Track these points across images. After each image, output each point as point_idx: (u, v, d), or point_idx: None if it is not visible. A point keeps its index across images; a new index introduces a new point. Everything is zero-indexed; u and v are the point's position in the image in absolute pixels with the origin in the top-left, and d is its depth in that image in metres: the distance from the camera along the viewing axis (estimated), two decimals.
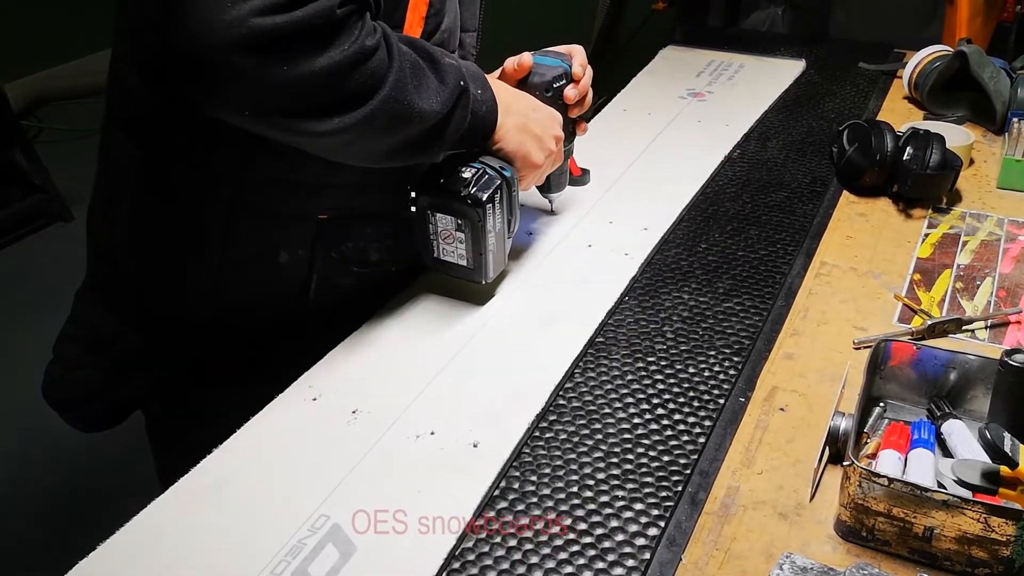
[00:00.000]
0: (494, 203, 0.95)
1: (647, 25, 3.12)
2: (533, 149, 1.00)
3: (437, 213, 0.96)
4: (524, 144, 0.99)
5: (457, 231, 0.96)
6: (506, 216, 0.98)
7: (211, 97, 0.77)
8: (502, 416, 0.91)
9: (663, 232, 1.24)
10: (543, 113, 1.04)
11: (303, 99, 0.77)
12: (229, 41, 0.71)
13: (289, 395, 0.94)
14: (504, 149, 0.99)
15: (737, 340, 1.03)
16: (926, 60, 1.63)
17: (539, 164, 1.02)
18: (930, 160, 1.28)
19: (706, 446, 0.88)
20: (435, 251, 1.00)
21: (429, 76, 0.87)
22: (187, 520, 0.79)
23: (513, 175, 0.98)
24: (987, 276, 1.15)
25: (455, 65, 0.90)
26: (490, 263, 0.99)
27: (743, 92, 1.71)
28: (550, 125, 1.04)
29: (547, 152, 1.02)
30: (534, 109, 1.02)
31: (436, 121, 0.88)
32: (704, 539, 0.78)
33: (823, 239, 1.24)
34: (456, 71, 0.90)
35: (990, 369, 0.88)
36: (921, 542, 0.75)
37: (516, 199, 1.00)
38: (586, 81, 1.12)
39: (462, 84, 0.90)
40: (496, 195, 0.95)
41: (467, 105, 0.91)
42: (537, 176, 1.06)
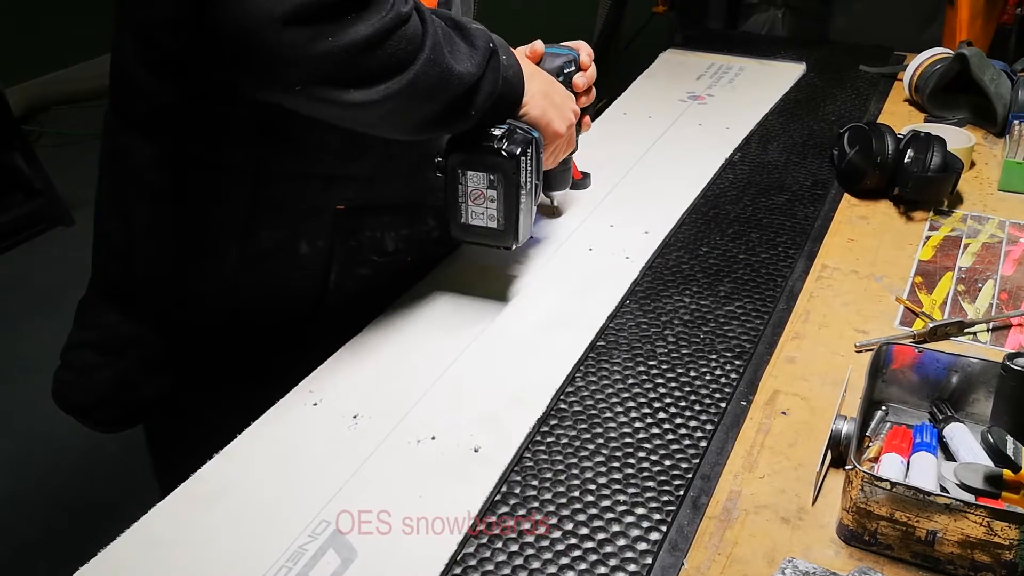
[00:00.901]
0: (527, 156, 0.94)
1: (647, 28, 3.12)
2: (556, 118, 1.01)
3: (468, 171, 0.95)
4: (548, 111, 1.00)
5: (489, 189, 0.95)
6: (535, 180, 0.98)
7: (263, 76, 0.78)
8: (503, 420, 0.91)
9: (664, 235, 1.24)
10: (561, 87, 1.06)
11: (350, 68, 0.79)
12: (277, 17, 0.73)
13: (290, 400, 0.94)
14: (530, 114, 0.99)
15: (738, 343, 1.03)
16: (927, 63, 1.63)
17: (561, 133, 1.02)
18: (931, 163, 1.27)
19: (708, 450, 0.88)
20: (463, 215, 0.98)
21: (459, 41, 0.89)
22: (187, 526, 0.79)
23: (540, 138, 0.98)
24: (989, 279, 1.15)
25: (481, 29, 0.93)
26: (521, 224, 0.98)
27: (743, 95, 1.71)
28: (568, 99, 1.06)
29: (568, 122, 1.03)
30: (552, 82, 1.05)
31: (472, 83, 0.89)
32: (706, 544, 0.78)
33: (824, 242, 1.24)
34: (484, 35, 0.92)
35: (992, 372, 0.88)
36: (924, 546, 0.75)
37: (541, 167, 1.00)
38: (592, 72, 1.14)
39: (491, 46, 0.91)
40: (528, 149, 0.95)
41: (497, 68, 0.92)
42: (556, 151, 1.06)
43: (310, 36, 0.75)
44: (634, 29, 3.21)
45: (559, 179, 1.23)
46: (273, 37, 0.74)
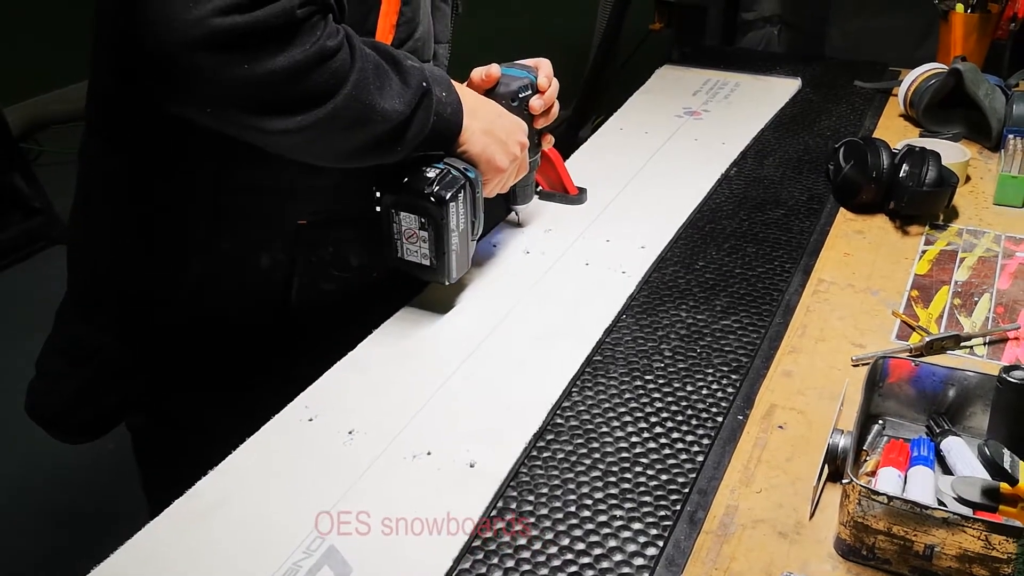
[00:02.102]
0: (457, 202, 0.96)
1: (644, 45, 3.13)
2: (498, 153, 1.01)
3: (401, 212, 0.97)
4: (489, 148, 1.00)
5: (420, 230, 0.97)
6: (469, 218, 0.99)
7: (173, 94, 0.79)
8: (499, 435, 0.90)
9: (660, 250, 1.24)
10: (508, 120, 1.04)
11: (264, 97, 0.79)
12: (191, 40, 0.73)
13: (285, 415, 0.93)
14: (469, 152, 0.99)
15: (735, 358, 1.03)
16: (921, 78, 1.64)
17: (503, 168, 1.02)
18: (926, 177, 1.28)
19: (704, 464, 0.88)
20: (398, 251, 1.00)
21: (392, 77, 0.88)
22: (182, 541, 0.78)
23: (477, 177, 0.99)
24: (985, 292, 1.15)
25: (418, 67, 0.92)
26: (453, 263, 0.99)
27: (739, 110, 1.72)
28: (515, 132, 1.05)
29: (511, 157, 1.03)
30: (499, 115, 1.04)
31: (399, 121, 0.89)
32: (703, 559, 0.78)
33: (820, 256, 1.24)
34: (419, 73, 0.91)
35: (989, 386, 0.88)
36: (922, 560, 0.74)
37: (480, 203, 1.01)
38: (551, 93, 1.13)
39: (424, 85, 0.91)
40: (459, 194, 0.96)
41: (430, 106, 0.91)
42: (501, 182, 1.06)
43: (224, 62, 0.75)
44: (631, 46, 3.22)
45: (521, 195, 1.23)
46: (186, 58, 0.74)
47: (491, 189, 1.05)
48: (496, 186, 1.06)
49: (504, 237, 1.28)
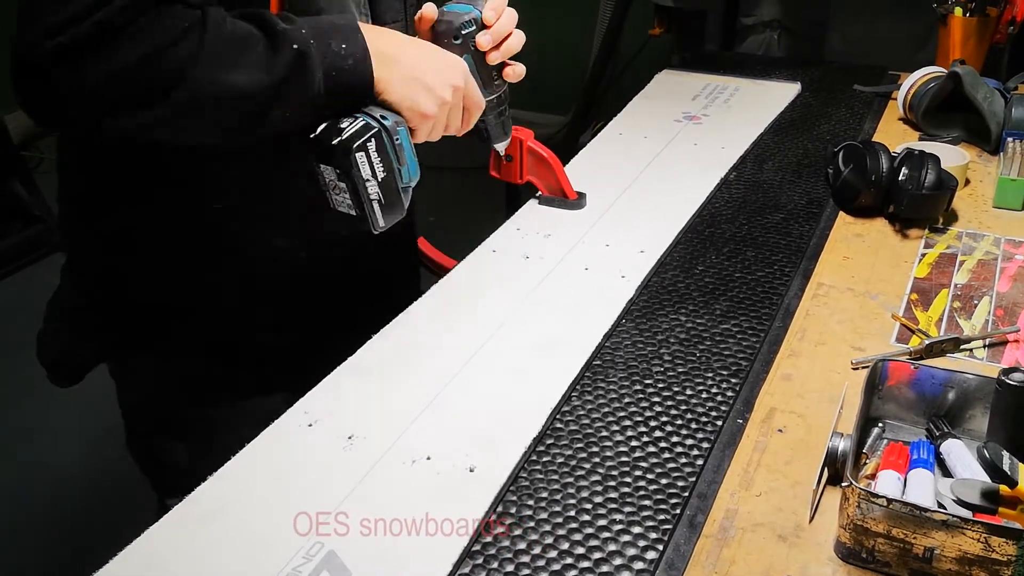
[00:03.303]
0: (367, 151, 0.92)
1: (643, 50, 3.14)
2: (423, 99, 0.96)
3: (320, 164, 0.94)
4: (412, 95, 0.95)
5: (339, 180, 0.94)
6: (393, 164, 0.95)
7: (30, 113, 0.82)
8: (499, 440, 0.91)
9: (660, 254, 1.24)
10: (439, 62, 0.98)
11: (109, 100, 0.81)
12: (29, 64, 0.78)
13: (285, 421, 0.93)
14: (388, 100, 0.95)
15: (735, 362, 1.03)
16: (920, 81, 1.64)
17: (429, 114, 0.97)
18: (925, 180, 1.28)
19: (704, 468, 0.88)
20: (331, 203, 0.97)
21: (255, 48, 0.85)
22: (182, 547, 0.78)
23: (396, 124, 0.95)
24: (984, 295, 1.15)
25: (297, 29, 0.87)
26: (377, 212, 0.96)
27: (739, 115, 1.72)
28: (447, 75, 0.98)
29: (439, 101, 0.97)
30: (426, 59, 0.97)
31: (263, 92, 0.86)
32: (703, 562, 0.78)
33: (820, 260, 1.24)
34: (296, 35, 0.87)
35: (988, 388, 0.88)
36: (921, 563, 0.74)
37: (404, 149, 0.96)
38: (501, 25, 1.05)
39: (297, 48, 0.87)
40: (369, 143, 0.92)
41: (311, 68, 0.88)
42: (432, 127, 0.99)
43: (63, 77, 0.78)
44: (631, 52, 3.23)
45: (495, 132, 1.17)
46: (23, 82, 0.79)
47: (422, 135, 0.99)
48: (429, 131, 1.00)
49: (503, 242, 1.28)
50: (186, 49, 0.81)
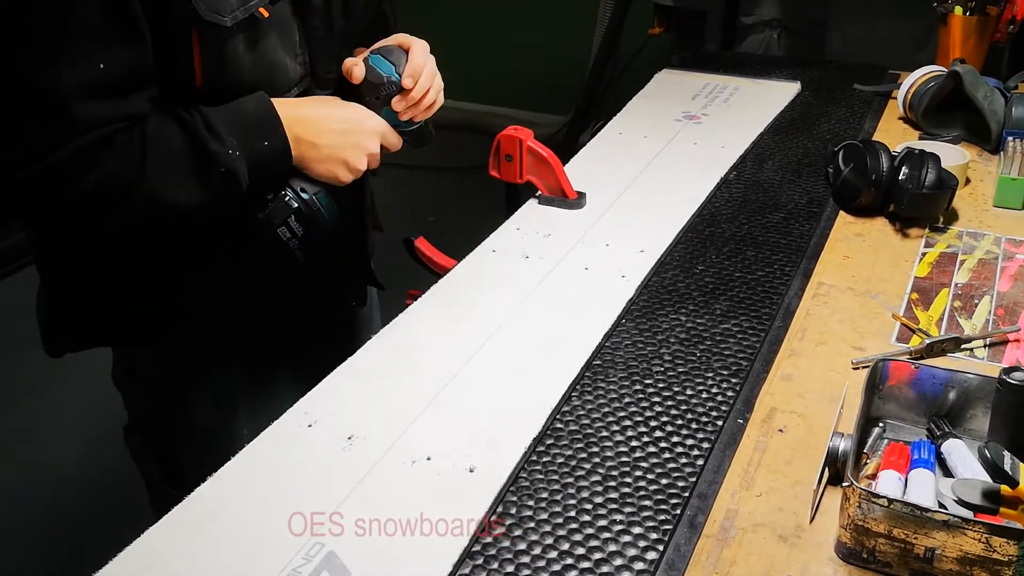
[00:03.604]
0: (288, 224, 1.06)
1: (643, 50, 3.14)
2: (340, 172, 1.07)
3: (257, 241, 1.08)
4: (331, 170, 1.07)
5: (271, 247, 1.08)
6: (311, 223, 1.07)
7: None
8: (499, 441, 0.90)
9: (660, 254, 1.24)
10: (356, 135, 1.08)
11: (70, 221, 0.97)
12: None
13: (285, 421, 0.93)
14: (313, 173, 1.07)
15: (735, 361, 1.03)
16: (920, 80, 1.64)
17: (345, 181, 1.09)
18: (926, 180, 1.28)
19: (705, 468, 0.88)
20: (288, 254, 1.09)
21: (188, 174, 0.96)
22: (181, 549, 0.78)
23: (315, 193, 1.07)
24: (985, 294, 1.15)
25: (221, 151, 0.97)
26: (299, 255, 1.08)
27: (739, 114, 1.72)
28: (363, 144, 1.09)
29: (356, 170, 1.08)
30: (343, 133, 1.07)
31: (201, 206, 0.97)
32: (703, 563, 0.78)
33: (820, 259, 1.24)
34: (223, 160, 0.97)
35: (989, 388, 0.87)
36: (922, 563, 0.74)
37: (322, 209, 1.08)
38: (417, 91, 1.12)
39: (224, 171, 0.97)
40: (289, 218, 1.06)
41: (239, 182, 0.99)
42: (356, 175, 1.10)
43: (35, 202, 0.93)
44: (631, 51, 3.22)
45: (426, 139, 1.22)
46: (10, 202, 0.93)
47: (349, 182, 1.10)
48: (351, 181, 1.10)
49: (503, 242, 1.28)
50: (128, 179, 0.92)
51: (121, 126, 0.92)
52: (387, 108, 1.12)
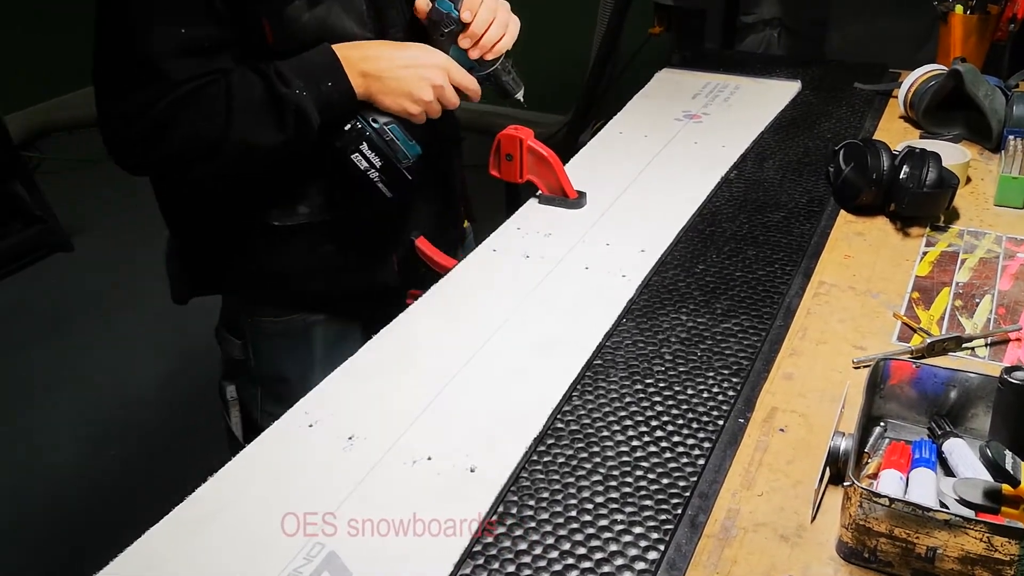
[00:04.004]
0: (361, 151, 1.16)
1: (643, 49, 3.14)
2: (406, 103, 1.16)
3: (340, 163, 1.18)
4: (397, 102, 1.16)
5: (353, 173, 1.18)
6: (387, 154, 1.17)
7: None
8: (500, 440, 0.90)
9: (660, 254, 1.24)
10: (418, 69, 1.16)
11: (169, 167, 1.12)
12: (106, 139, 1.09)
13: (286, 421, 0.93)
14: (382, 107, 1.16)
15: (736, 361, 1.03)
16: (921, 79, 1.63)
17: (415, 112, 1.16)
18: (927, 178, 1.28)
19: (706, 468, 0.87)
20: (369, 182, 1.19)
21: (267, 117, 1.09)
22: (182, 548, 0.78)
23: (386, 123, 1.17)
24: (986, 294, 1.15)
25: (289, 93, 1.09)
26: (383, 188, 1.19)
27: (739, 113, 1.71)
28: (426, 70, 1.16)
29: (422, 103, 1.16)
30: (406, 67, 1.15)
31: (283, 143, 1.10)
32: (704, 562, 0.78)
33: (821, 258, 1.24)
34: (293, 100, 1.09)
35: (990, 387, 0.87)
36: (924, 563, 0.74)
37: (396, 140, 1.17)
38: (477, 25, 1.19)
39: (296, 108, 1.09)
40: (361, 145, 1.16)
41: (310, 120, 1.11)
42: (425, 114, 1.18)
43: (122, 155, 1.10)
44: (631, 50, 3.22)
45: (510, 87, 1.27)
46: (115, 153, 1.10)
47: (420, 121, 1.18)
48: (423, 118, 1.18)
49: (503, 242, 1.28)
50: (217, 125, 1.07)
51: (209, 79, 1.06)
52: (455, 47, 1.20)
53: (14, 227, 3.32)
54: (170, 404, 2.56)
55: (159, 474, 2.16)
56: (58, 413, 2.53)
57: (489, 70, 1.24)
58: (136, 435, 2.41)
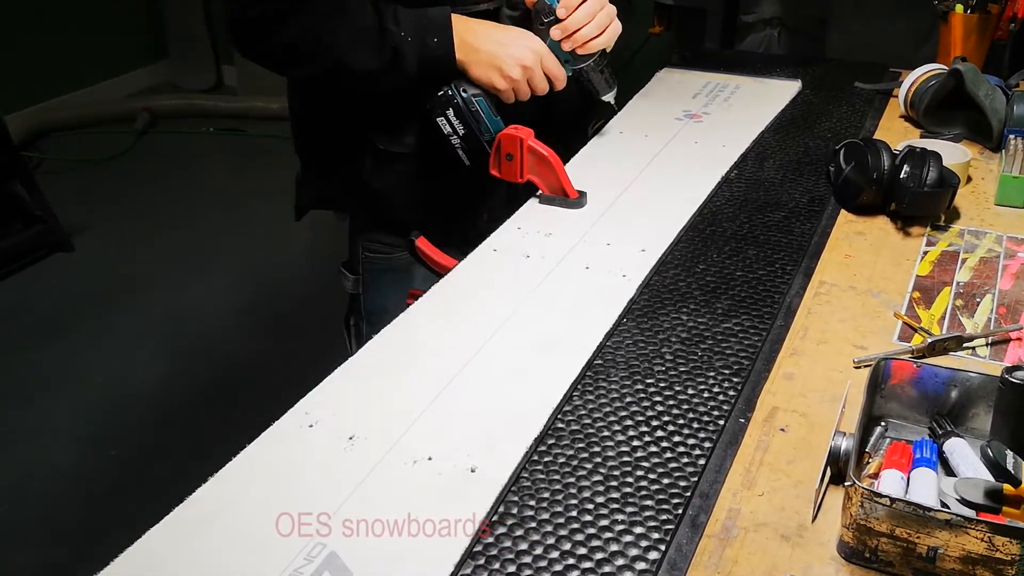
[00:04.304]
0: (447, 116, 1.29)
1: (644, 48, 3.14)
2: (496, 78, 1.28)
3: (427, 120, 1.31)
4: (487, 75, 1.28)
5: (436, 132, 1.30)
6: (471, 124, 1.29)
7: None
8: (500, 440, 0.90)
9: (661, 253, 1.24)
10: (513, 48, 1.28)
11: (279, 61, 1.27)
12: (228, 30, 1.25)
13: (286, 421, 0.93)
14: (472, 76, 1.29)
15: (736, 361, 1.03)
16: (921, 79, 1.63)
17: (503, 87, 1.29)
18: (927, 178, 1.27)
19: (706, 468, 0.87)
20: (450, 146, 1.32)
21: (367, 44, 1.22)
22: (182, 549, 0.78)
23: (474, 95, 1.29)
24: (987, 293, 1.15)
25: (394, 33, 1.22)
26: (463, 156, 1.32)
27: (739, 113, 1.71)
28: (519, 52, 1.28)
29: (509, 78, 1.28)
30: (501, 44, 1.28)
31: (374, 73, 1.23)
32: (705, 563, 0.78)
33: (821, 258, 1.24)
34: (394, 39, 1.22)
35: (991, 386, 0.87)
36: (925, 563, 0.74)
37: (480, 112, 1.29)
38: (573, 20, 1.30)
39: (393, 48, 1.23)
40: (448, 111, 1.29)
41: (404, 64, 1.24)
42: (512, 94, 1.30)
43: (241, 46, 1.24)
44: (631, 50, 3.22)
45: (601, 87, 1.45)
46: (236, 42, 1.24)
47: (507, 99, 1.31)
48: (510, 97, 1.31)
49: (504, 241, 1.28)
50: (330, 35, 1.21)
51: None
52: (551, 39, 1.31)
53: (14, 227, 3.32)
54: (170, 404, 2.57)
55: (159, 474, 2.16)
56: (58, 413, 2.53)
57: (581, 65, 1.36)
58: (136, 435, 2.41)
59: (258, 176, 3.96)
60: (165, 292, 3.12)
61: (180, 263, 3.32)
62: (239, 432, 0.94)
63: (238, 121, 4.46)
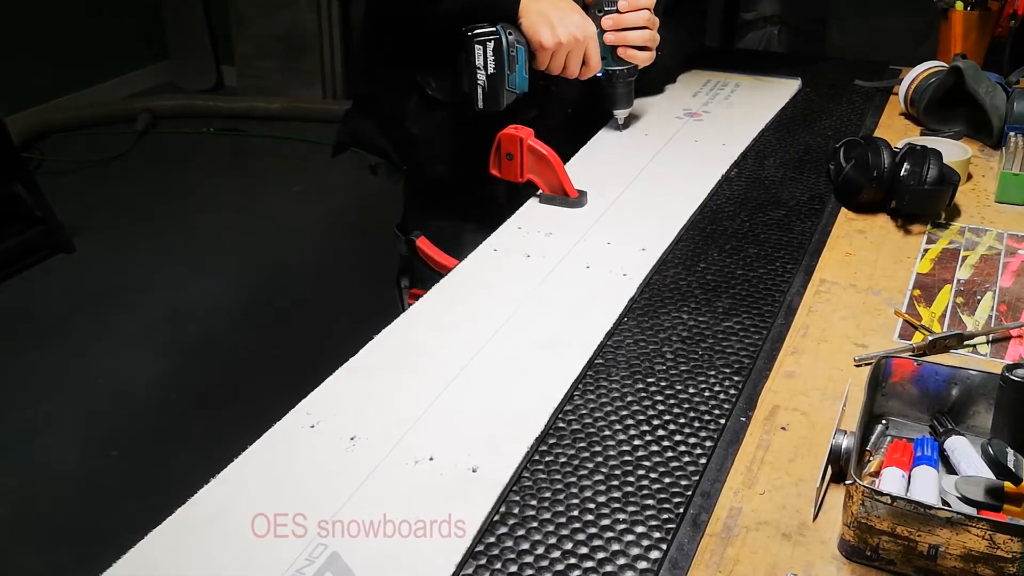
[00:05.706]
0: (485, 47, 1.30)
1: None
2: (544, 32, 1.33)
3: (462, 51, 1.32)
4: (537, 25, 1.33)
5: (465, 63, 1.32)
6: (503, 65, 1.32)
7: None
8: (501, 440, 0.90)
9: (661, 252, 1.24)
10: (571, 16, 1.35)
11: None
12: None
13: (287, 422, 0.93)
14: (522, 24, 1.34)
15: (737, 359, 1.03)
16: (921, 76, 1.63)
17: (547, 45, 1.33)
18: (927, 175, 1.27)
19: (707, 467, 0.87)
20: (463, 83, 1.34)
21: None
22: (184, 551, 0.78)
23: (516, 40, 1.32)
24: (988, 291, 1.15)
25: None
26: (479, 95, 1.33)
27: (740, 111, 1.71)
28: (573, 23, 1.34)
29: (556, 40, 1.33)
30: (562, 11, 1.34)
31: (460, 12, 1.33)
32: (707, 561, 0.78)
33: (822, 256, 1.24)
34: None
35: (992, 384, 0.87)
36: (926, 560, 0.74)
37: (516, 60, 1.32)
38: (626, 18, 1.40)
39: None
40: (488, 42, 1.30)
41: None
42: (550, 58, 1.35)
43: None
44: None
45: (619, 100, 1.51)
46: None
47: (542, 61, 1.36)
48: (547, 61, 1.35)
49: (504, 241, 1.28)
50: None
51: None
52: (601, 28, 1.39)
53: (15, 228, 3.32)
54: (171, 404, 2.57)
55: (160, 475, 2.16)
56: (58, 413, 2.53)
57: (615, 67, 1.43)
58: (136, 435, 2.41)
59: (258, 176, 3.96)
60: (165, 292, 3.12)
61: (180, 263, 3.32)
62: (240, 432, 0.95)
63: (238, 121, 4.46)
